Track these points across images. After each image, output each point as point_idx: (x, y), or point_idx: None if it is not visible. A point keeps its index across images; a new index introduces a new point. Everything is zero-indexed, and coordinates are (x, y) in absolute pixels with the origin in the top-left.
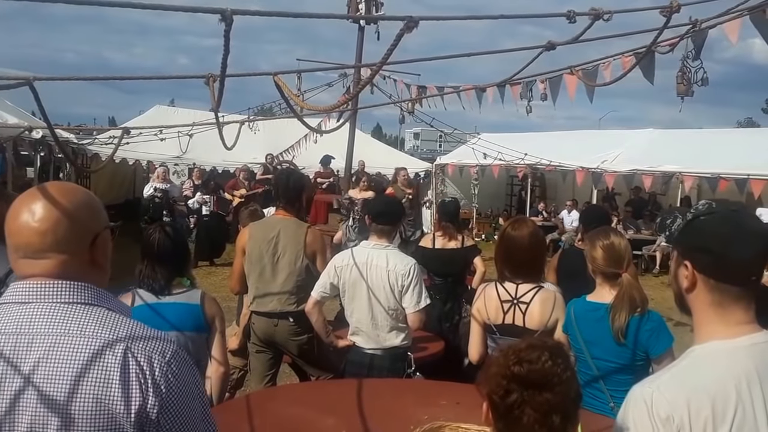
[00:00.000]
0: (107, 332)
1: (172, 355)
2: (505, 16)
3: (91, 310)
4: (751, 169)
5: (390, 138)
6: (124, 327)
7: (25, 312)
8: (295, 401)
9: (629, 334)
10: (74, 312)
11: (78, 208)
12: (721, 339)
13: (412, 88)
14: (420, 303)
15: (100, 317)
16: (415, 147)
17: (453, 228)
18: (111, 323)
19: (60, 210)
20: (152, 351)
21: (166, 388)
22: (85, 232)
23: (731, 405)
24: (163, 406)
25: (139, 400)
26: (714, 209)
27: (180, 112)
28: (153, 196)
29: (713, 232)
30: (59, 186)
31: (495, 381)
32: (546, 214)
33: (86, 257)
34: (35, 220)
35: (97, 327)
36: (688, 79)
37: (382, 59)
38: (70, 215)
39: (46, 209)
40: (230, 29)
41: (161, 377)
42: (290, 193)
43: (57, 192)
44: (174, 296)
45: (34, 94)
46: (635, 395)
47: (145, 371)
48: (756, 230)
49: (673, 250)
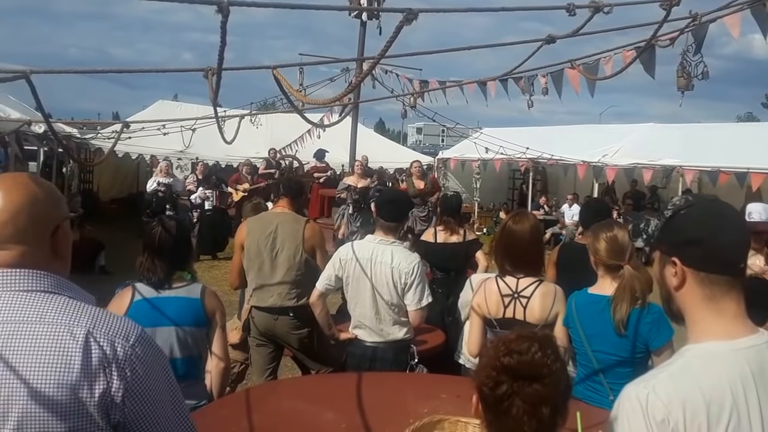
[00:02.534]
0: (67, 318)
1: (136, 338)
2: (506, 8)
3: (52, 297)
4: (751, 163)
5: (393, 133)
6: (85, 313)
7: None
8: (295, 395)
9: (630, 326)
10: (34, 300)
11: (37, 199)
12: (718, 339)
13: (414, 83)
14: (422, 301)
15: (60, 304)
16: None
17: (455, 222)
18: (71, 309)
19: (19, 201)
20: (115, 335)
21: (131, 371)
22: (46, 222)
23: (726, 409)
24: (128, 389)
25: (102, 384)
26: (692, 201)
27: (183, 107)
28: (156, 191)
29: (698, 223)
30: (18, 177)
31: (485, 372)
32: (547, 208)
33: (47, 248)
34: None
35: (56, 314)
36: (689, 73)
37: (382, 51)
38: (29, 206)
39: (5, 200)
40: (227, 20)
41: (125, 361)
42: (293, 186)
43: (15, 183)
44: (174, 290)
45: (31, 87)
46: (630, 395)
47: (108, 355)
48: (736, 217)
49: (654, 251)
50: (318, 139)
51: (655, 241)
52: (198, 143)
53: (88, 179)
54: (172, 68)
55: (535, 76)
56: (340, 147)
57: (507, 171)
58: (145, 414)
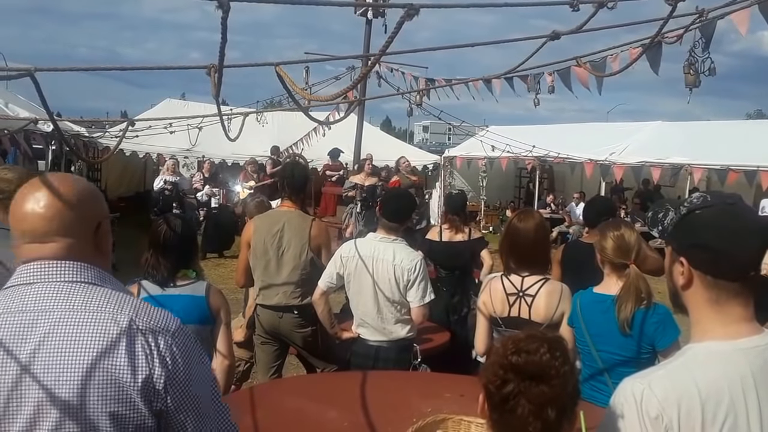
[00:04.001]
0: (111, 307)
1: (175, 330)
2: (509, 3)
3: (96, 288)
4: (761, 161)
5: (399, 131)
6: (127, 303)
7: (29, 292)
8: (299, 393)
9: (635, 326)
10: (78, 290)
11: (83, 195)
12: (719, 339)
13: (420, 81)
14: (425, 298)
15: (104, 294)
16: (424, 140)
17: (459, 220)
18: (114, 300)
19: (66, 196)
20: (156, 325)
21: (172, 361)
22: (90, 218)
23: (722, 409)
24: (169, 378)
25: (145, 371)
26: (709, 202)
27: (190, 106)
28: (163, 189)
29: (709, 227)
30: (63, 176)
31: (492, 370)
32: (554, 207)
33: (90, 243)
34: (41, 207)
35: (101, 303)
36: (696, 69)
37: (383, 47)
38: (75, 201)
39: (51, 196)
40: (227, 16)
41: (166, 350)
42: (295, 184)
43: (61, 181)
44: (179, 288)
45: (35, 84)
46: (625, 390)
47: (150, 344)
48: (753, 224)
49: (667, 245)
50: (324, 138)
51: (667, 236)
52: (204, 141)
53: (97, 177)
54: (175, 65)
55: (542, 74)
56: (346, 145)
57: (513, 169)
58: (185, 404)
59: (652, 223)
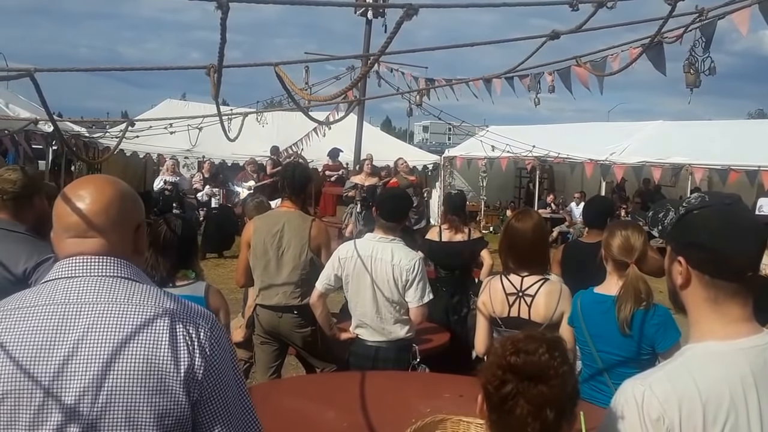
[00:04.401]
0: (153, 300)
1: (212, 323)
2: (507, 3)
3: (135, 284)
4: (762, 161)
5: (399, 131)
6: (167, 298)
7: (72, 285)
8: (298, 393)
9: (635, 326)
10: (120, 284)
11: (126, 196)
12: (718, 339)
13: (420, 80)
14: (423, 298)
15: (144, 289)
16: (424, 140)
17: (459, 221)
18: (155, 294)
19: (111, 195)
20: (196, 317)
21: (210, 351)
22: (131, 218)
23: (723, 410)
24: (207, 367)
25: (187, 361)
26: (707, 203)
27: (191, 106)
28: (163, 189)
29: (707, 228)
30: (107, 177)
31: (491, 371)
32: (554, 207)
33: (130, 242)
34: (88, 203)
35: (142, 296)
36: (696, 68)
37: (383, 46)
38: (119, 201)
39: (97, 193)
40: (226, 17)
41: (206, 341)
42: (295, 185)
43: (107, 181)
44: (178, 289)
45: (35, 85)
46: (626, 392)
47: (192, 335)
48: (750, 224)
49: (666, 244)
50: (324, 138)
51: (666, 235)
52: (205, 142)
53: None
54: (175, 66)
55: (542, 74)
56: (346, 145)
57: (513, 169)
58: (217, 393)
59: (653, 222)
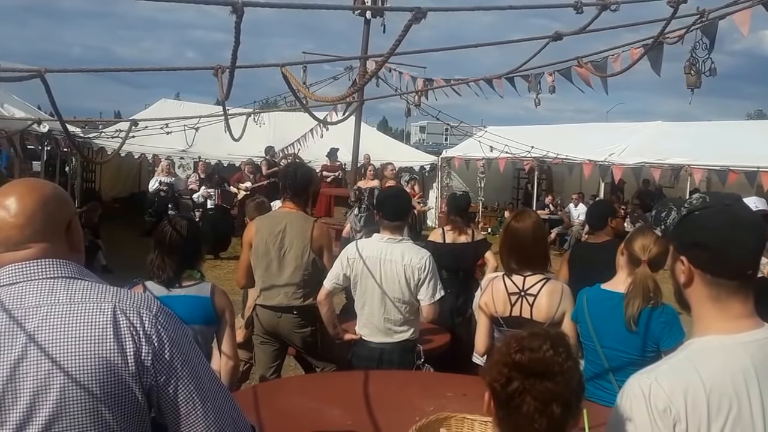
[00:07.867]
0: (94, 296)
1: (158, 309)
2: (513, 7)
3: (77, 282)
4: (762, 162)
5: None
6: (109, 291)
7: (14, 291)
8: (303, 392)
9: (641, 323)
10: (61, 285)
11: (49, 199)
12: (721, 333)
13: (419, 81)
14: (435, 295)
15: (86, 286)
16: (421, 140)
17: (462, 222)
18: (96, 290)
19: (33, 203)
20: (139, 306)
21: (157, 337)
22: (59, 219)
23: (726, 400)
24: (155, 354)
25: (132, 349)
26: (708, 203)
27: (186, 106)
28: (158, 190)
29: (708, 228)
30: (27, 182)
31: (496, 369)
32: (553, 207)
33: (64, 242)
34: (11, 216)
35: (84, 294)
36: (697, 69)
37: (390, 50)
38: (43, 207)
39: (20, 204)
40: (241, 21)
41: (151, 328)
42: (297, 186)
43: (27, 188)
44: (184, 289)
45: (45, 86)
46: (633, 385)
47: (135, 324)
48: (750, 224)
49: (670, 244)
50: (321, 138)
51: (669, 235)
52: (201, 142)
53: (91, 178)
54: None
55: (542, 74)
56: (343, 146)
57: (512, 170)
58: (176, 374)
59: (656, 221)
